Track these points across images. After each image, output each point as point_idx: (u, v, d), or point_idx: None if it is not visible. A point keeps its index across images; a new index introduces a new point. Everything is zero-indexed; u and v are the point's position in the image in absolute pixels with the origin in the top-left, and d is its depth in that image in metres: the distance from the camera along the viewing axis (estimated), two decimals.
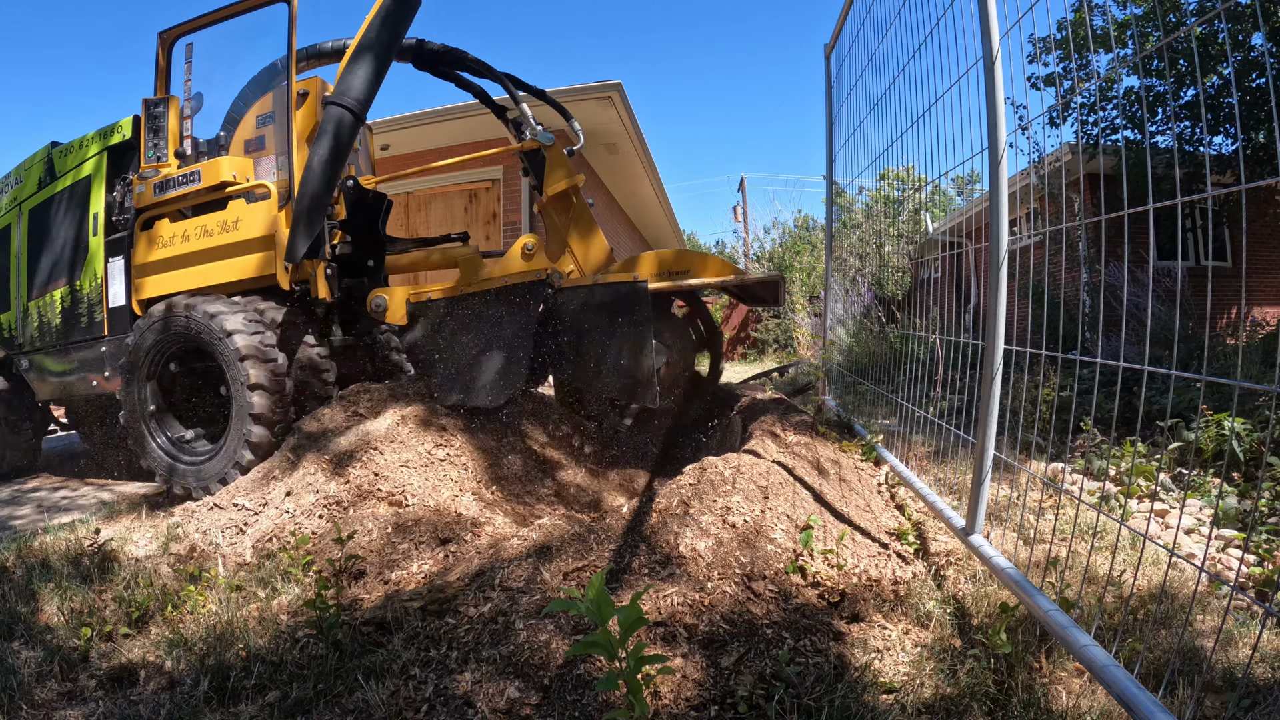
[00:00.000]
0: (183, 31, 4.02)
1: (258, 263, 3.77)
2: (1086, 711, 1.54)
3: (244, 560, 2.63)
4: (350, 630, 1.94)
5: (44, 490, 4.69)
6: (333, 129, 3.37)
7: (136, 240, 4.08)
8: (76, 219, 4.41)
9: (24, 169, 4.93)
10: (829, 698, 1.53)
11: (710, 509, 2.18)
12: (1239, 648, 1.80)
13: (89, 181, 4.35)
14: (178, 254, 3.95)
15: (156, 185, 3.95)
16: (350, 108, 3.37)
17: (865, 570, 2.06)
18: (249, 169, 3.91)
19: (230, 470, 3.41)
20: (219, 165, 3.80)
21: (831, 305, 5.77)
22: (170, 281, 3.97)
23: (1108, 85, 7.82)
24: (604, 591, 1.40)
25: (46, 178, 4.67)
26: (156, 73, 4.07)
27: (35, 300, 4.67)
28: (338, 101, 3.38)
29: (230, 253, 3.83)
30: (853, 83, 4.10)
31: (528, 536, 2.25)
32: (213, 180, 3.80)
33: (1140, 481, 3.31)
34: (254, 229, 3.75)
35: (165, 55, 4.07)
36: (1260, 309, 9.86)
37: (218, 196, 3.85)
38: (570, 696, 1.56)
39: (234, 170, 3.84)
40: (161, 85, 4.08)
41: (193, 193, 3.87)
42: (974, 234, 4.17)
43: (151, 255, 4.03)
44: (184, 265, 3.94)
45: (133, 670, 1.90)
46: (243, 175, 3.87)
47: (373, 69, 3.43)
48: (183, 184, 3.88)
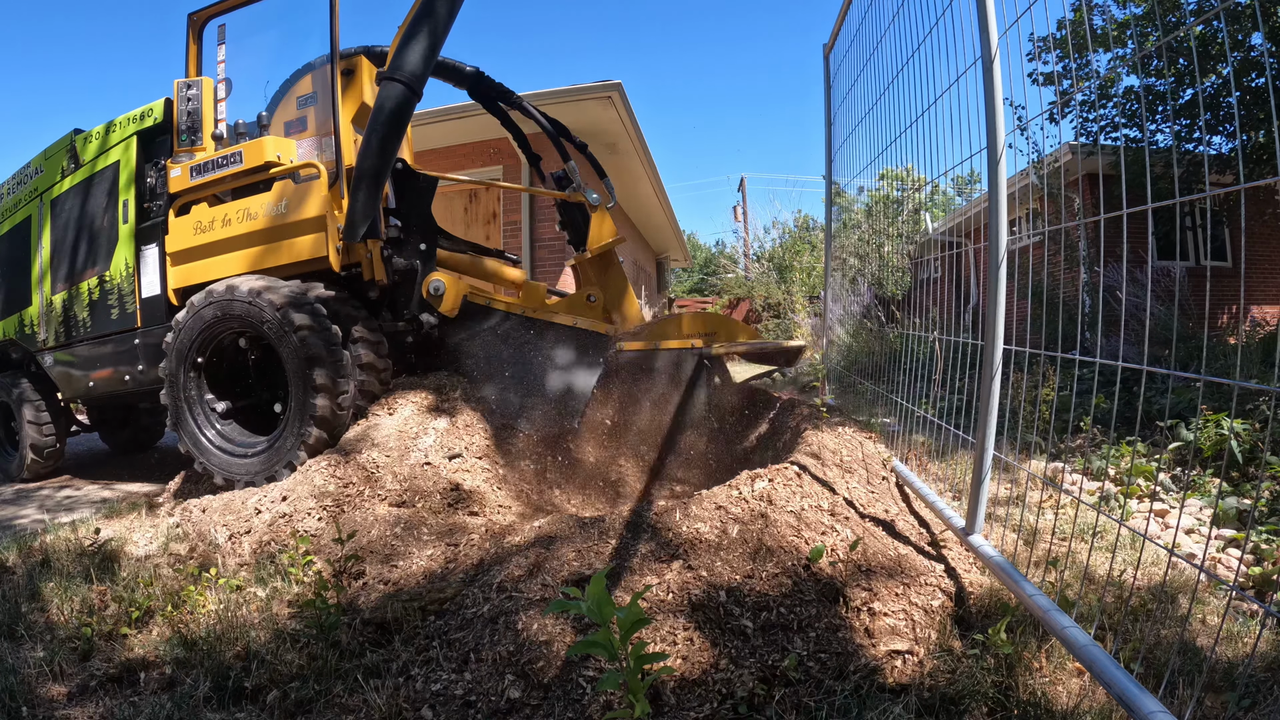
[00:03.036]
0: (214, 13, 3.92)
1: (308, 245, 3.60)
2: (1086, 711, 1.54)
3: (244, 560, 2.63)
4: (350, 630, 1.94)
5: (48, 489, 4.69)
6: (390, 106, 3.24)
7: (171, 227, 3.92)
8: (104, 207, 4.22)
9: (45, 158, 4.71)
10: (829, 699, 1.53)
11: None
12: (1239, 646, 1.80)
13: (117, 168, 4.17)
14: (218, 239, 3.78)
15: (193, 169, 3.80)
16: (407, 83, 3.24)
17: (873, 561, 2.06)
18: (292, 150, 3.78)
19: (281, 469, 3.25)
20: (263, 145, 3.64)
21: (831, 305, 5.77)
22: (211, 268, 3.79)
23: (1107, 84, 7.82)
24: (604, 591, 1.40)
25: (70, 165, 4.46)
26: (187, 55, 3.95)
27: (60, 293, 4.46)
28: (393, 76, 3.24)
29: (277, 235, 3.66)
30: (851, 82, 4.10)
31: (528, 535, 2.25)
32: (256, 161, 3.65)
33: (1140, 481, 3.31)
34: (304, 210, 3.59)
35: (195, 37, 3.95)
36: (1260, 309, 9.86)
37: (261, 178, 3.70)
38: (570, 696, 1.56)
39: (278, 151, 3.68)
40: (193, 68, 3.95)
41: (234, 175, 3.72)
42: (974, 234, 4.17)
43: (189, 241, 3.86)
44: (226, 250, 3.77)
45: (133, 670, 1.90)
46: (286, 156, 3.73)
47: (429, 43, 3.29)
48: (222, 166, 3.73)
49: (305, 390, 3.24)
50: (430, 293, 3.68)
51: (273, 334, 3.29)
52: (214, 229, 3.79)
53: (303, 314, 3.26)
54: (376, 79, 3.59)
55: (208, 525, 2.87)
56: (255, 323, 3.33)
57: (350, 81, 3.84)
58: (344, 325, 3.46)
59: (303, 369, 3.23)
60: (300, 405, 3.26)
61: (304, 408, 3.25)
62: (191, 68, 3.97)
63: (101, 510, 3.69)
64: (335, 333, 3.32)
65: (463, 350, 3.83)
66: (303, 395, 3.25)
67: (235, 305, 3.37)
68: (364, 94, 3.97)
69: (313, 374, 3.21)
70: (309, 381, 3.22)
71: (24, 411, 4.79)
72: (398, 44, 3.33)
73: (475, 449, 3.17)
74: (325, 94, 3.75)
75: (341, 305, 3.55)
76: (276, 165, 3.66)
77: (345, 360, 3.33)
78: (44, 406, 4.83)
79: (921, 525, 2.55)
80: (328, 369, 3.23)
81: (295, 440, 3.25)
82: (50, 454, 4.89)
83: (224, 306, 3.40)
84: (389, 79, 3.25)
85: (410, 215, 3.87)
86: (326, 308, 3.39)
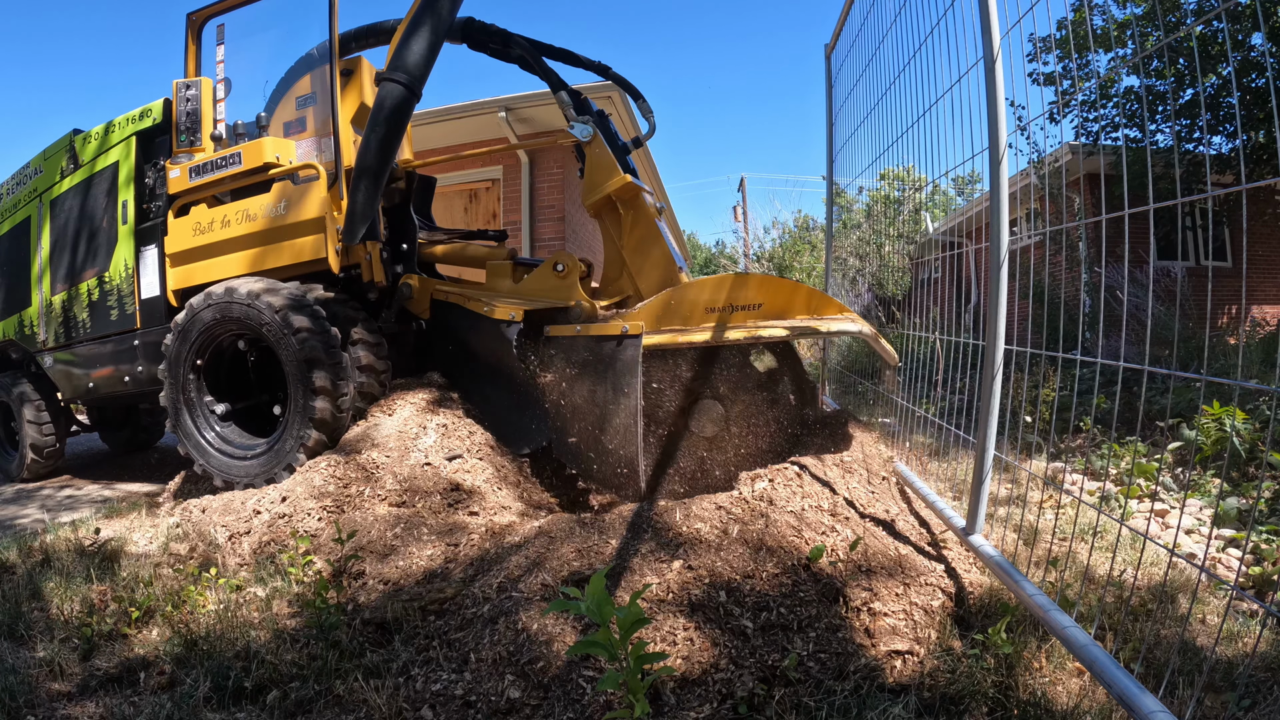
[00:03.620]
0: (213, 13, 3.91)
1: (307, 246, 3.58)
2: (1086, 711, 1.54)
3: (244, 560, 2.63)
4: (350, 630, 1.94)
5: (49, 489, 4.69)
6: (389, 106, 3.22)
7: (170, 228, 3.90)
8: (103, 207, 4.20)
9: (44, 158, 4.68)
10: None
11: None
12: (1239, 646, 1.80)
13: (116, 168, 4.16)
14: (217, 240, 3.76)
15: (192, 170, 3.79)
16: (406, 84, 3.22)
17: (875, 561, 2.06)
18: (291, 151, 3.78)
19: (280, 472, 3.24)
20: (262, 147, 3.64)
21: None
22: (210, 269, 3.77)
23: (1107, 84, 7.82)
24: (604, 591, 1.40)
25: (69, 166, 4.45)
26: (186, 55, 3.94)
27: (59, 294, 4.45)
28: (392, 77, 3.22)
29: (277, 237, 3.64)
30: (853, 83, 4.10)
31: (528, 535, 2.25)
32: (255, 162, 3.64)
33: (1140, 481, 3.31)
34: (303, 211, 3.57)
35: (195, 37, 3.94)
36: (1260, 308, 9.87)
37: (260, 179, 3.68)
38: (570, 696, 1.56)
39: (277, 152, 3.68)
40: (192, 67, 3.94)
41: (233, 176, 3.71)
42: (974, 234, 4.17)
43: (188, 243, 3.84)
44: (225, 251, 3.75)
45: (133, 670, 1.90)
46: (285, 157, 3.72)
47: (428, 43, 3.26)
48: (221, 167, 3.72)
49: (305, 393, 3.23)
50: (401, 294, 3.66)
51: (272, 336, 3.28)
52: (213, 230, 3.78)
53: (302, 316, 3.24)
54: (376, 79, 3.57)
55: (208, 525, 2.87)
56: (254, 325, 3.31)
57: (349, 81, 3.82)
58: (343, 327, 3.44)
59: (302, 371, 3.22)
60: (300, 408, 3.25)
61: (303, 410, 3.23)
62: (190, 67, 3.96)
63: (102, 510, 3.69)
64: (335, 335, 3.31)
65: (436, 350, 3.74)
66: (302, 398, 3.24)
67: (234, 307, 3.35)
68: (363, 94, 3.95)
69: (312, 376, 3.20)
70: (309, 384, 3.21)
71: (24, 411, 4.78)
72: (397, 43, 3.32)
73: (475, 449, 3.17)
74: (324, 94, 3.74)
75: (341, 307, 3.54)
76: (275, 166, 3.66)
77: (345, 363, 3.32)
78: (44, 407, 4.82)
79: (922, 525, 2.55)
80: (327, 371, 3.22)
81: (295, 443, 3.24)
82: (50, 454, 4.89)
83: (223, 309, 3.39)
84: (388, 79, 3.24)
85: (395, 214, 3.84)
86: (326, 309, 3.38)
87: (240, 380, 3.83)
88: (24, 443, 4.82)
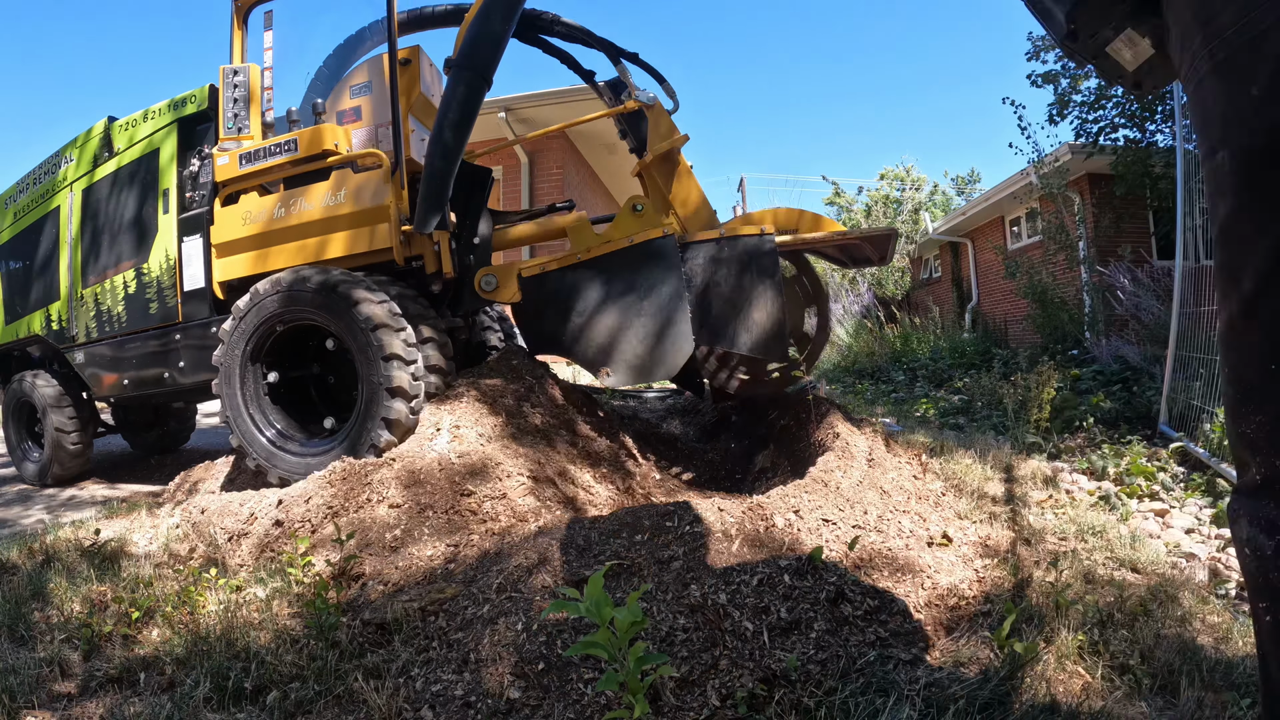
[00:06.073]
0: None
1: (370, 236, 3.49)
2: (1088, 711, 1.54)
3: (244, 560, 2.63)
4: (350, 630, 1.94)
5: (53, 489, 4.70)
6: (461, 94, 3.20)
7: (216, 217, 3.77)
8: (142, 196, 4.06)
9: (76, 146, 4.52)
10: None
11: None
12: (1239, 646, 1.80)
13: (156, 156, 4.02)
14: (270, 229, 3.63)
15: (242, 157, 3.67)
16: (479, 70, 3.20)
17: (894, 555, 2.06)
18: (348, 139, 3.72)
19: None
20: (321, 133, 3.55)
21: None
22: (262, 260, 3.64)
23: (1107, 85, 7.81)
24: (604, 592, 1.41)
25: (104, 154, 4.31)
26: (231, 41, 3.87)
27: (91, 287, 4.26)
28: (464, 65, 3.19)
29: (335, 226, 3.54)
30: None
31: (528, 535, 2.25)
32: (315, 149, 3.55)
33: (1140, 481, 3.31)
34: (365, 200, 3.48)
35: (241, 23, 3.86)
36: None
37: (318, 166, 3.59)
38: (570, 697, 1.56)
39: (336, 139, 3.60)
40: (238, 54, 3.87)
41: (288, 163, 3.61)
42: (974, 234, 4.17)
43: (237, 232, 3.71)
44: (278, 241, 3.63)
45: (134, 670, 1.90)
46: (344, 145, 3.65)
47: (499, 30, 3.23)
48: (275, 154, 3.61)
49: (378, 391, 3.06)
50: (482, 287, 3.59)
51: (343, 330, 3.15)
52: (265, 219, 3.64)
53: (381, 311, 3.09)
54: (445, 65, 3.51)
55: (208, 526, 2.87)
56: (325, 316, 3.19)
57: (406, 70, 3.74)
58: (413, 324, 3.30)
59: (377, 369, 3.06)
60: (369, 406, 3.09)
61: (375, 409, 3.06)
62: (236, 54, 3.87)
63: (103, 510, 3.70)
64: (411, 333, 3.18)
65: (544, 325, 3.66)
66: (375, 396, 3.07)
67: (304, 295, 3.20)
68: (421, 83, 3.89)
69: (390, 375, 3.04)
70: (385, 382, 3.04)
71: (49, 412, 4.59)
72: (466, 31, 3.28)
73: (483, 442, 3.16)
74: (381, 83, 3.68)
75: (410, 303, 3.40)
76: (334, 154, 3.56)
77: (419, 360, 3.18)
78: (72, 406, 4.63)
79: (922, 524, 2.55)
80: (406, 371, 3.08)
81: (366, 444, 3.08)
82: (78, 457, 4.71)
83: (292, 297, 3.23)
84: (460, 67, 3.20)
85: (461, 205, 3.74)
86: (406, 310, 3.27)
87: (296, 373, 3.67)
88: (50, 445, 4.62)
